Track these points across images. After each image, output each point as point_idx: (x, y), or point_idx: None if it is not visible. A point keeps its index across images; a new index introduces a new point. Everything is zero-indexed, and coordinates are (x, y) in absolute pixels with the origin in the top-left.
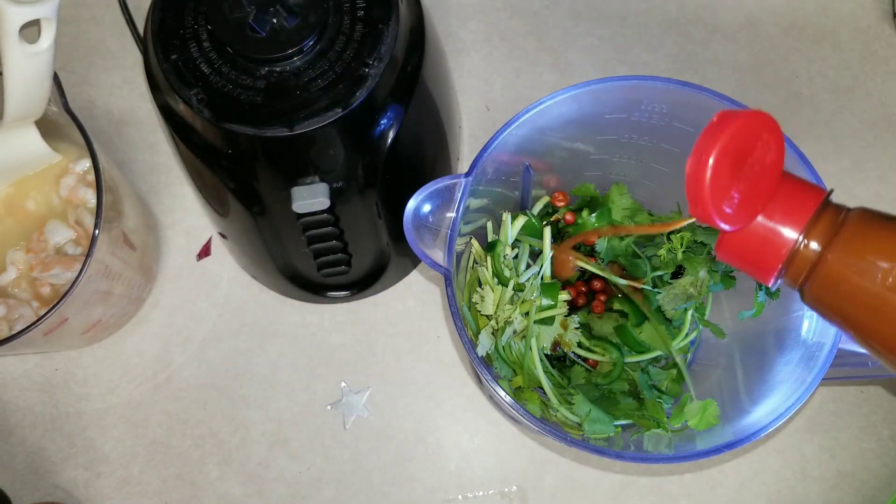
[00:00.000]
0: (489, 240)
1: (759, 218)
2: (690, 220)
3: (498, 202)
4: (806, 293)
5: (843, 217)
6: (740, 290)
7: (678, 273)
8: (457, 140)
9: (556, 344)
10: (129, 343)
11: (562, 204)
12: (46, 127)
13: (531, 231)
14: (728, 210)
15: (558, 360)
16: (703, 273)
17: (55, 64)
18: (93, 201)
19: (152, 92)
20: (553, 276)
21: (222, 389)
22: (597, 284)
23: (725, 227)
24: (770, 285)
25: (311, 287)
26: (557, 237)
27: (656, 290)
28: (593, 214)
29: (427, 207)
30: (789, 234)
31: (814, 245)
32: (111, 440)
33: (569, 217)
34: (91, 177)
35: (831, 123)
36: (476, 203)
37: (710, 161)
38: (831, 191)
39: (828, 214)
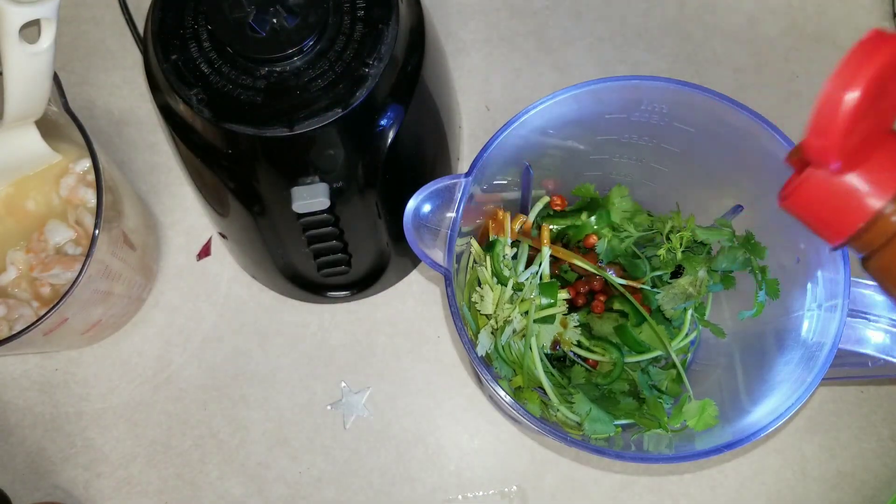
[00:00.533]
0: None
1: (855, 172)
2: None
3: (498, 202)
4: (873, 260)
5: None
6: (740, 290)
7: (677, 273)
8: (457, 140)
9: (555, 343)
10: (129, 343)
11: (559, 207)
12: (46, 127)
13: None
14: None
15: (558, 360)
16: (702, 273)
17: (55, 64)
18: (93, 201)
19: (152, 92)
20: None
21: (222, 389)
22: (597, 284)
23: (835, 166)
24: (834, 246)
25: (311, 287)
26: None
27: (655, 290)
28: (593, 217)
29: (427, 207)
30: (879, 196)
31: None
32: (111, 440)
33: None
34: (91, 177)
35: None
36: (476, 203)
37: (861, 86)
38: None
39: None
